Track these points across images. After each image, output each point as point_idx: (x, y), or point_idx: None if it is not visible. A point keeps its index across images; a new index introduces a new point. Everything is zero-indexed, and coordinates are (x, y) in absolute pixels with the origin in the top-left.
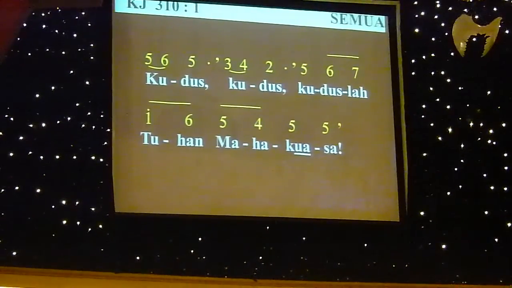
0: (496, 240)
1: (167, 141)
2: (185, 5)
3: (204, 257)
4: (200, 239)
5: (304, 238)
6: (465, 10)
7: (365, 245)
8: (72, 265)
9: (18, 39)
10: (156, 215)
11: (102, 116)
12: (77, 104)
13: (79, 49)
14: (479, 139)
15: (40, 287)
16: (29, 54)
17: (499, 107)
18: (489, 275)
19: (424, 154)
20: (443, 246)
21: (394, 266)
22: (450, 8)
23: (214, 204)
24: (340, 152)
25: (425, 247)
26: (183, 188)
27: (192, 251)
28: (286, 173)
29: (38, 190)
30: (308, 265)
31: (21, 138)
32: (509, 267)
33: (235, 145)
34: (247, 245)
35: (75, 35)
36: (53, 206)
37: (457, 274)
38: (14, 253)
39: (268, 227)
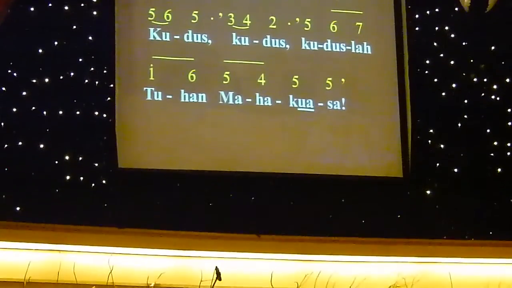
0: (500, 195)
1: (170, 96)
2: None
3: (207, 212)
4: (203, 194)
5: (307, 194)
6: None
7: (368, 200)
8: (76, 220)
9: None
10: (159, 170)
11: (105, 71)
12: (80, 60)
13: (82, 4)
14: (482, 94)
15: (43, 242)
16: (32, 9)
17: (503, 63)
18: (493, 231)
19: (428, 110)
20: (446, 202)
21: (397, 221)
22: None
23: (218, 159)
24: (343, 108)
25: (428, 203)
26: (187, 143)
27: (195, 206)
28: (289, 128)
29: (42, 146)
30: (311, 220)
31: (24, 93)
32: None
33: (238, 101)
34: (250, 201)
35: None
36: (56, 162)
37: (460, 230)
38: (18, 209)
39: (271, 183)
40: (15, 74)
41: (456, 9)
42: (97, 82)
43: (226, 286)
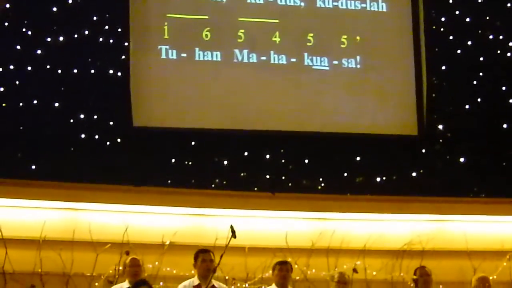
0: None
1: (184, 55)
2: None
3: (222, 171)
4: (217, 153)
5: (321, 152)
6: None
7: (383, 158)
8: (91, 178)
9: None
10: (173, 128)
11: (119, 30)
12: (95, 18)
13: None
14: (498, 52)
15: (59, 200)
16: None
17: None
18: (507, 188)
19: (443, 68)
20: (461, 160)
21: (411, 179)
22: None
23: (232, 118)
24: (358, 66)
25: (443, 161)
26: (201, 101)
27: (210, 164)
28: (305, 87)
29: (57, 105)
30: (325, 178)
31: (39, 52)
32: None
33: (253, 59)
34: (265, 159)
35: None
36: (71, 120)
37: (475, 188)
38: (34, 167)
39: (286, 141)
40: (29, 33)
41: None
42: (111, 41)
43: (241, 244)
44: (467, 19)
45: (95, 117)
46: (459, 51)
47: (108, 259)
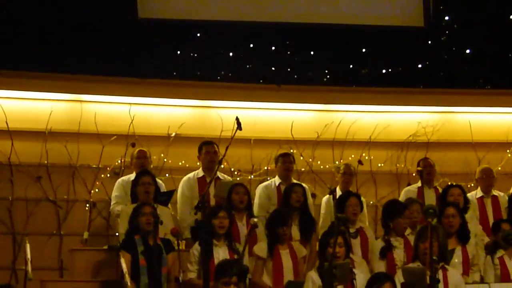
0: None
1: None
2: None
3: (227, 63)
4: (223, 44)
5: (327, 44)
6: None
7: (389, 50)
8: (97, 70)
9: None
10: (179, 20)
11: None
12: None
13: None
14: None
15: (65, 91)
16: None
17: None
18: None
19: None
20: (467, 51)
21: (417, 71)
22: None
23: (238, 9)
24: None
25: (449, 52)
26: None
27: (216, 56)
28: None
29: None
30: (331, 70)
31: None
32: None
33: None
34: (270, 51)
35: None
36: (77, 12)
37: (481, 79)
38: (39, 59)
39: (292, 33)
40: None
41: None
42: None
43: (247, 136)
44: None
45: (101, 8)
46: None
47: (114, 151)
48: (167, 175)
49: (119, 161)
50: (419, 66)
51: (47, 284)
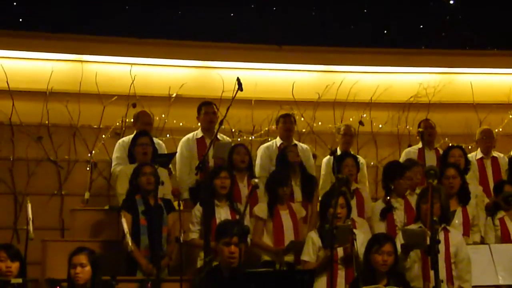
0: None
1: None
2: None
3: (229, 24)
4: (224, 4)
5: (328, 3)
6: None
7: (390, 10)
8: (97, 30)
9: None
10: None
11: None
12: None
13: None
14: None
15: (65, 52)
16: None
17: None
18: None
19: None
20: (468, 12)
21: (419, 32)
22: None
23: None
24: None
25: (450, 13)
26: None
27: (216, 17)
28: None
29: None
30: (333, 31)
31: None
32: None
33: None
34: (271, 11)
35: None
36: None
37: (482, 40)
38: (40, 19)
39: None
40: None
41: None
42: None
43: (248, 96)
44: None
45: None
46: None
47: (115, 111)
48: (168, 135)
49: (120, 122)
50: (421, 26)
51: (48, 244)
